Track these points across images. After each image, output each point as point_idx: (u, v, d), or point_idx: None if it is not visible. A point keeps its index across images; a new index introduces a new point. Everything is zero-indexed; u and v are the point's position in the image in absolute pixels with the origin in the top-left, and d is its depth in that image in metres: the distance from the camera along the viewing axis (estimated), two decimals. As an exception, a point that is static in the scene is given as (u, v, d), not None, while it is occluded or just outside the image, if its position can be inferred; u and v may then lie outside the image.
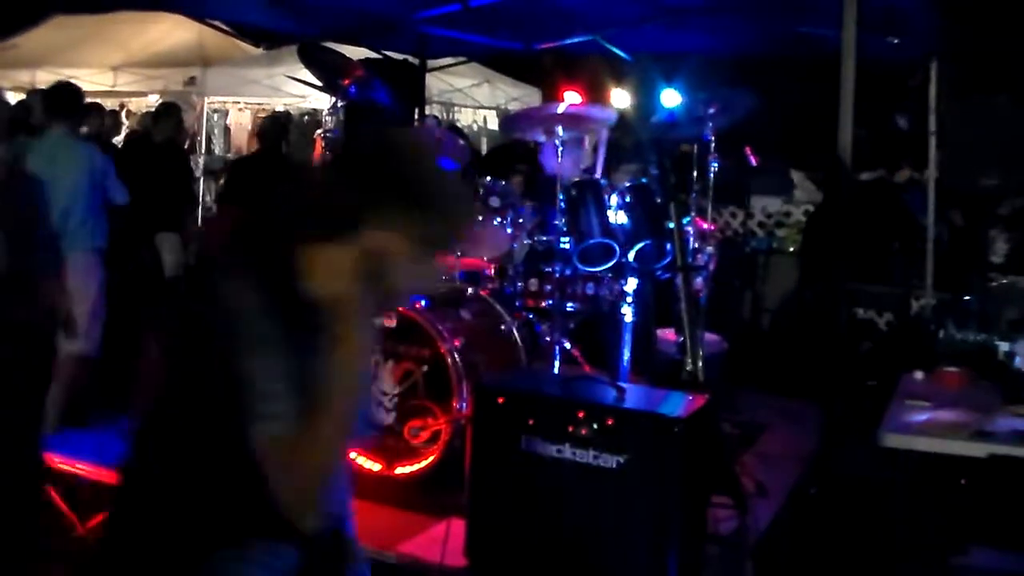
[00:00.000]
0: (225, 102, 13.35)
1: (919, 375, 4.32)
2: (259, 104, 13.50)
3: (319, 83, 5.10)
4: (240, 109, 13.96)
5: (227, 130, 14.06)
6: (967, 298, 4.87)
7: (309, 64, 5.09)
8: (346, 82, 4.96)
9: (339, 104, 5.06)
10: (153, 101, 11.75)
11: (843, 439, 4.85)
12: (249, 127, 14.41)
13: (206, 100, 12.95)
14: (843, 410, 5.18)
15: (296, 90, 12.20)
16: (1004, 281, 4.73)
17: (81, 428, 4.93)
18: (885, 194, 7.84)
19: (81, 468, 4.28)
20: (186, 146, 9.87)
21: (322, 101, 11.25)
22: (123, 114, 13.18)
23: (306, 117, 11.88)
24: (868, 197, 7.51)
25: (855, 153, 4.82)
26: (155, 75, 13.05)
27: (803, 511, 4.30)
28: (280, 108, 13.53)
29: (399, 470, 4.21)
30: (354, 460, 4.32)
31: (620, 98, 7.23)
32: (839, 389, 5.40)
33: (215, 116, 13.41)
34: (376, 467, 4.27)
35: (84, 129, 6.77)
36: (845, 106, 4.76)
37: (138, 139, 8.50)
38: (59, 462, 4.31)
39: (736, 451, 4.66)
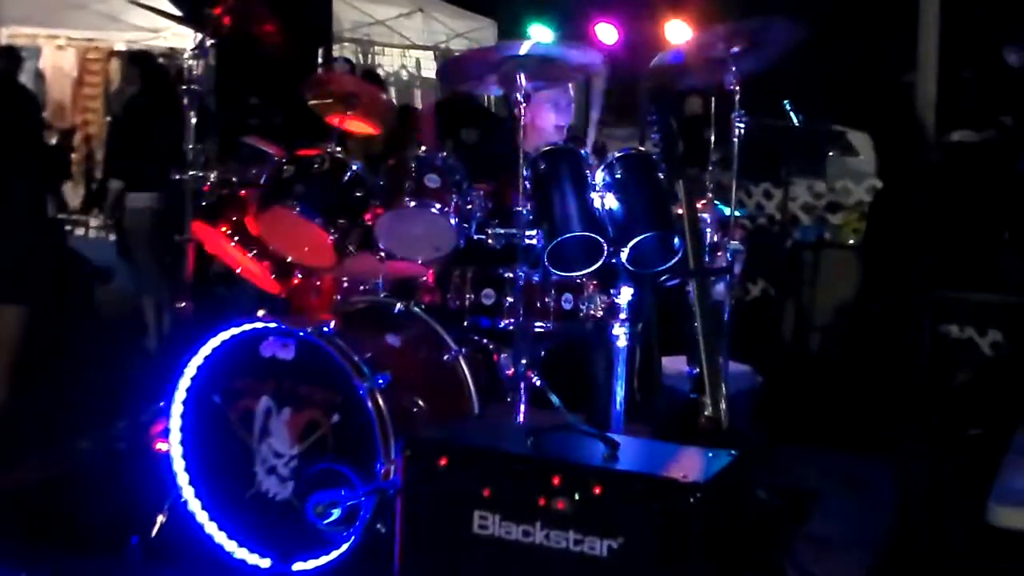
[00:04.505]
0: (35, 35, 13.09)
1: (1043, 423, 4.36)
2: (88, 40, 13.26)
3: (178, 12, 5.08)
4: (60, 47, 13.69)
5: (39, 77, 13.67)
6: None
7: (164, -16, 5.08)
8: (217, 11, 4.95)
9: (208, 43, 5.03)
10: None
11: (932, 515, 4.89)
12: (75, 74, 14.06)
13: (4, 32, 12.69)
14: (931, 473, 5.22)
15: (143, 21, 12.09)
16: None
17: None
18: (990, 162, 7.83)
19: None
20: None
21: (183, 39, 11.15)
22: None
23: (161, 60, 11.73)
24: (963, 167, 7.52)
25: (943, 107, 4.82)
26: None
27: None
28: (121, 47, 13.31)
29: (299, 566, 4.19)
30: (232, 554, 4.29)
31: (607, 34, 7.28)
32: (923, 442, 5.44)
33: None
34: (264, 563, 4.25)
35: None
36: (927, 40, 4.76)
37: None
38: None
39: (778, 531, 4.69)
